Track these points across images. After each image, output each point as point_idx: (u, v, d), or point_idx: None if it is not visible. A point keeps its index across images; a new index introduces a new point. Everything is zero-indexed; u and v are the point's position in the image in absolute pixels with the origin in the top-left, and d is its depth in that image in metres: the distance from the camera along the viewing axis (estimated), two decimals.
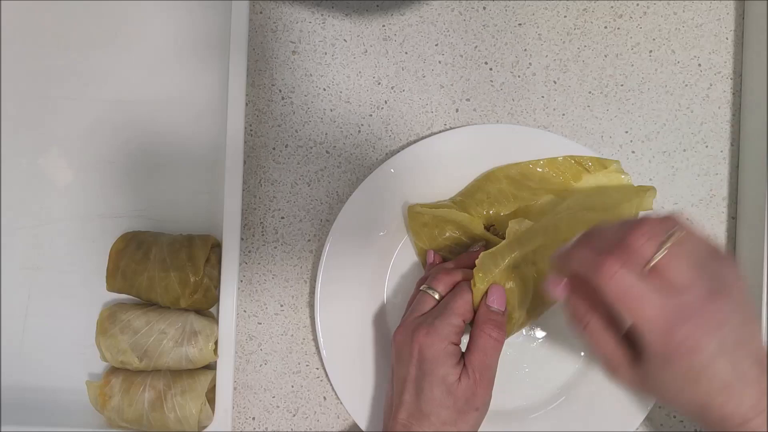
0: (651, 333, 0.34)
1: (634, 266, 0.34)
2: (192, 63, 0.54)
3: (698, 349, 0.34)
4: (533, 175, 0.49)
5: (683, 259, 0.34)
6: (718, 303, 0.34)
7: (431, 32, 0.53)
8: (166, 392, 0.49)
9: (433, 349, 0.43)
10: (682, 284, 0.34)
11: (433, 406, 0.42)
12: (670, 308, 0.34)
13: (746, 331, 0.35)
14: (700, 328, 0.34)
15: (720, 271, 0.35)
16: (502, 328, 0.43)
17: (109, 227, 0.53)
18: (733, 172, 0.53)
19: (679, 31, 0.53)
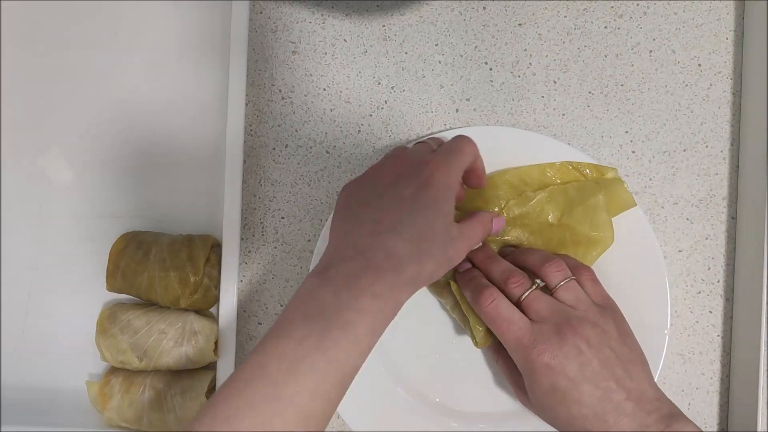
0: (516, 350, 0.42)
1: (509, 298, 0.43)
2: (192, 63, 0.54)
3: (554, 369, 0.40)
4: (532, 179, 0.49)
5: (542, 300, 0.42)
6: (565, 332, 0.41)
7: (431, 32, 0.53)
8: (166, 392, 0.49)
9: (448, 179, 0.39)
10: (542, 315, 0.42)
11: (429, 233, 0.38)
12: (528, 332, 0.41)
13: (619, 367, 0.40)
14: (555, 349, 0.40)
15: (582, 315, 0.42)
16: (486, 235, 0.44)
17: (109, 227, 0.53)
18: (733, 172, 0.53)
19: (679, 31, 0.53)
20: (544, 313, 0.42)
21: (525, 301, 0.43)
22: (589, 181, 0.49)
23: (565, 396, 0.40)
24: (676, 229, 0.52)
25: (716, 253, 0.52)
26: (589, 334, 0.41)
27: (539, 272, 0.44)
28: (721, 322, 0.52)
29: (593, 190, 0.48)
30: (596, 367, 0.40)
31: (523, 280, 0.43)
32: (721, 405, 0.52)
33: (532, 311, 0.42)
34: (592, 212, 0.47)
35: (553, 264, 0.44)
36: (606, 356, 0.41)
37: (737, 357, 0.51)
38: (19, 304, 0.54)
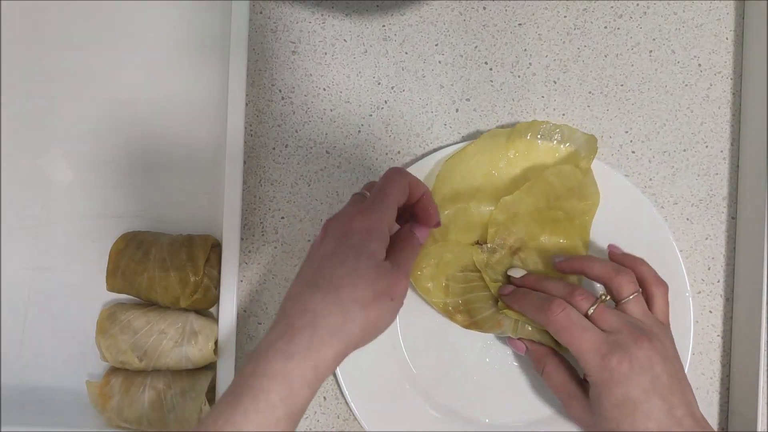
0: (590, 361, 0.41)
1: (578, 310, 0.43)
2: (192, 63, 0.54)
3: (631, 379, 0.40)
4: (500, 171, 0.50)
5: (612, 313, 0.42)
6: (642, 342, 0.41)
7: (431, 32, 0.53)
8: (166, 392, 0.49)
9: (369, 225, 0.39)
10: (614, 327, 0.42)
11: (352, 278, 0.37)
12: (604, 341, 0.41)
13: (678, 385, 0.41)
14: (630, 361, 0.40)
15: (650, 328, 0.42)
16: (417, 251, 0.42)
17: (109, 227, 0.53)
18: (733, 172, 0.53)
19: (679, 31, 0.53)
20: (615, 325, 0.42)
21: (594, 314, 0.42)
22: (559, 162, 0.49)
23: (636, 408, 0.40)
24: (676, 229, 0.52)
25: (716, 253, 0.52)
26: (658, 348, 0.41)
27: (610, 283, 0.44)
28: (721, 322, 0.52)
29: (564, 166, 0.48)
30: (665, 380, 0.40)
31: (588, 294, 0.44)
32: (721, 405, 0.52)
33: (603, 322, 0.42)
34: (574, 189, 0.48)
35: (625, 276, 0.44)
36: (673, 370, 0.41)
37: (737, 357, 0.51)
38: (19, 304, 0.54)
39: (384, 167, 0.53)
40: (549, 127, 0.49)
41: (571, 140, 0.49)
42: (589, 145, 0.49)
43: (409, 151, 0.53)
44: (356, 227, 0.39)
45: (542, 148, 0.49)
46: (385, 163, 0.53)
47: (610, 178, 0.49)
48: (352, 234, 0.38)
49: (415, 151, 0.53)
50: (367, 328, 0.37)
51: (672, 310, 0.48)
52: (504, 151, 0.49)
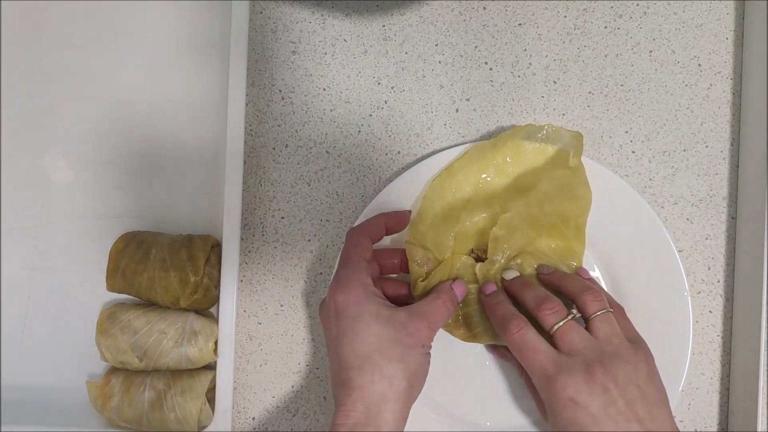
0: (537, 381, 0.42)
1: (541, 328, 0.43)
2: (192, 63, 0.54)
3: (577, 404, 0.39)
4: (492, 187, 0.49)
5: (576, 332, 0.42)
6: (595, 369, 0.40)
7: (431, 32, 0.53)
8: (166, 392, 0.49)
9: (353, 295, 0.41)
10: (574, 348, 0.41)
11: (371, 343, 0.39)
12: (556, 361, 0.41)
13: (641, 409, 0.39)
14: (580, 384, 0.40)
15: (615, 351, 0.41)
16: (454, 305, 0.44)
17: (109, 227, 0.53)
18: (733, 172, 0.53)
19: (679, 31, 0.53)
20: (576, 346, 0.41)
21: (558, 331, 0.42)
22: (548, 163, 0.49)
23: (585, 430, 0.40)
24: (676, 229, 0.52)
25: (716, 253, 0.52)
26: (618, 372, 0.40)
27: (577, 300, 0.44)
28: (721, 322, 0.52)
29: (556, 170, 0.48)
30: (621, 407, 0.39)
31: (559, 307, 0.43)
32: (721, 405, 0.52)
33: (564, 342, 0.42)
34: (565, 190, 0.48)
35: (592, 293, 0.43)
36: (632, 396, 0.40)
37: (737, 357, 0.51)
38: (20, 304, 0.54)
39: (384, 167, 0.53)
40: (533, 128, 0.49)
41: (557, 139, 0.49)
42: (575, 142, 0.49)
43: (409, 151, 0.53)
44: (345, 302, 0.41)
45: (529, 150, 0.49)
46: (385, 163, 0.53)
47: (607, 179, 0.49)
48: (344, 310, 0.41)
49: (415, 151, 0.53)
50: (413, 380, 0.40)
51: (671, 310, 0.48)
52: (491, 160, 0.49)
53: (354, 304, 0.41)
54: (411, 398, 0.40)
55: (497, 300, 0.45)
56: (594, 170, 0.49)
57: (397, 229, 0.48)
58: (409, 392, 0.40)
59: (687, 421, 0.52)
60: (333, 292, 0.42)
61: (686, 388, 0.52)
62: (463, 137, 0.53)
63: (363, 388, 0.39)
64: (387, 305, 0.41)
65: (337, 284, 0.42)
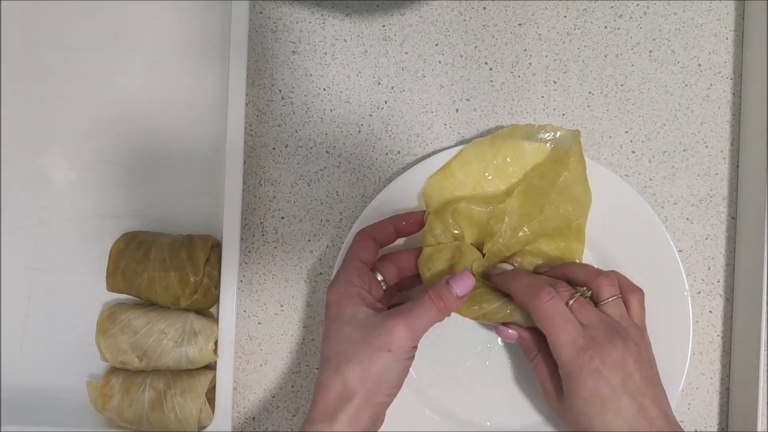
0: (566, 353, 0.41)
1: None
2: (192, 63, 0.54)
3: (601, 375, 0.40)
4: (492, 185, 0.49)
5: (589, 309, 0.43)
6: (617, 342, 0.41)
7: (431, 32, 0.53)
8: (166, 392, 0.49)
9: (337, 294, 0.42)
10: (591, 323, 0.42)
11: (340, 344, 0.40)
12: (582, 335, 0.41)
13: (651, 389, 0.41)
14: (602, 357, 0.41)
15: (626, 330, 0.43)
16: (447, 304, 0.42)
17: (109, 227, 0.53)
18: (733, 172, 0.53)
19: (679, 31, 0.53)
20: (592, 321, 0.42)
21: (573, 306, 0.43)
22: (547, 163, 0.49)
23: (605, 404, 0.40)
24: (676, 229, 0.52)
25: (716, 253, 0.52)
26: (633, 349, 0.42)
27: (591, 284, 0.44)
28: (721, 322, 0.52)
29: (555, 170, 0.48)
30: (638, 381, 0.41)
31: (568, 286, 0.44)
32: (721, 405, 0.52)
33: (581, 317, 0.42)
34: (565, 192, 0.48)
35: (607, 278, 0.44)
36: (646, 374, 0.42)
37: (737, 357, 0.51)
38: (20, 304, 0.54)
39: (384, 167, 0.53)
40: (532, 128, 0.49)
41: (556, 139, 0.49)
42: (574, 140, 0.49)
43: (409, 151, 0.53)
44: (331, 300, 0.43)
45: (529, 150, 0.49)
46: (385, 163, 0.53)
47: (607, 179, 0.49)
48: (329, 308, 0.43)
49: (415, 151, 0.53)
50: (370, 384, 0.40)
51: (671, 310, 0.48)
52: (491, 159, 0.49)
53: (336, 304, 0.42)
54: (371, 403, 0.40)
55: (514, 272, 0.46)
56: (594, 170, 0.49)
57: (411, 231, 0.47)
58: (368, 397, 0.39)
59: (687, 421, 0.52)
60: (327, 291, 0.44)
61: (686, 388, 0.52)
62: (463, 137, 0.53)
63: (324, 385, 0.40)
64: (366, 308, 0.41)
65: (331, 284, 0.44)
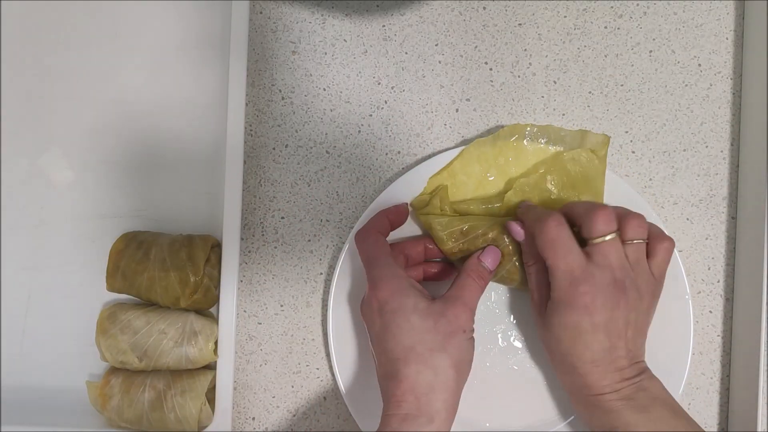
0: (559, 279, 0.42)
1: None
2: (192, 63, 0.54)
3: (587, 311, 0.42)
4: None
5: (617, 252, 0.42)
6: (617, 290, 0.42)
7: (431, 32, 0.53)
8: (166, 392, 0.49)
9: (389, 289, 0.42)
10: (605, 264, 0.42)
11: (414, 335, 0.41)
12: (581, 268, 0.42)
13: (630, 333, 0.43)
14: (594, 296, 0.42)
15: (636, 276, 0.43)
16: (486, 278, 0.45)
17: (109, 227, 0.53)
18: (733, 172, 0.53)
19: (679, 31, 0.53)
20: (612, 262, 0.42)
21: (604, 243, 0.42)
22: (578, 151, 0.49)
23: (579, 336, 0.42)
24: (676, 229, 0.52)
25: (716, 253, 0.52)
26: (630, 297, 0.42)
27: (621, 222, 0.44)
28: (721, 322, 0.52)
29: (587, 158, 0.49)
30: (619, 325, 0.42)
31: (612, 219, 0.43)
32: (721, 405, 0.52)
33: (602, 255, 0.42)
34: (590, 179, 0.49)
35: (635, 219, 0.44)
36: (630, 319, 0.43)
37: (737, 357, 0.51)
38: (20, 304, 0.54)
39: (384, 167, 0.53)
40: (534, 129, 0.49)
41: (558, 141, 0.49)
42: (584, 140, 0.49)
43: (409, 151, 0.53)
44: (382, 298, 0.42)
45: (531, 151, 0.49)
46: (385, 164, 0.53)
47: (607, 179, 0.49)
48: (384, 305, 0.42)
49: (415, 151, 0.53)
50: (458, 367, 0.41)
51: (672, 312, 0.48)
52: (492, 160, 0.49)
53: (393, 298, 0.42)
54: (459, 386, 0.42)
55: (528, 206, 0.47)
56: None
57: (398, 223, 0.49)
58: (456, 380, 0.41)
59: None
60: (372, 290, 0.43)
61: (686, 388, 0.52)
62: (464, 137, 0.53)
63: (410, 378, 0.40)
64: (424, 296, 0.43)
65: (375, 282, 0.43)
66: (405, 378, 0.40)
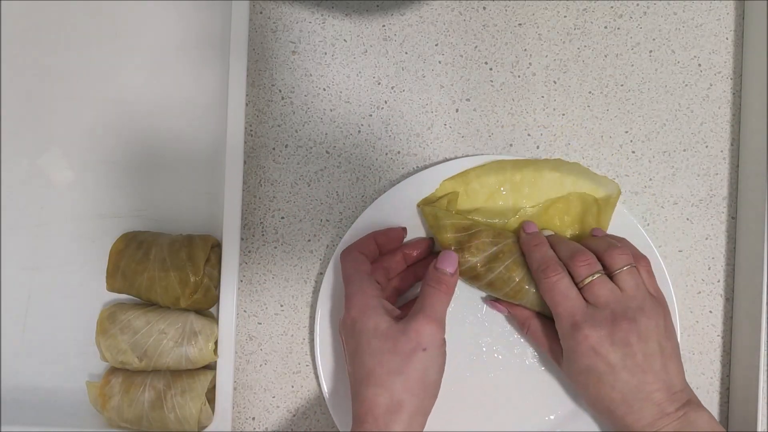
0: (562, 326, 0.43)
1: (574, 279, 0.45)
2: (192, 63, 0.54)
3: (599, 354, 0.42)
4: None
5: (605, 287, 0.43)
6: (622, 323, 0.42)
7: (431, 32, 0.53)
8: (166, 392, 0.49)
9: (356, 310, 0.43)
10: (601, 301, 0.43)
11: (374, 358, 0.41)
12: (581, 312, 0.43)
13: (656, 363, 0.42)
14: (604, 336, 0.42)
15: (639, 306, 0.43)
16: (447, 283, 0.44)
17: (109, 227, 0.53)
18: (733, 172, 0.53)
19: (679, 31, 0.53)
20: (604, 300, 0.43)
21: (590, 284, 0.44)
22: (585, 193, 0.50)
23: (600, 378, 0.42)
24: (676, 229, 0.52)
25: (716, 253, 0.52)
26: (641, 327, 0.42)
27: (605, 255, 0.45)
28: (721, 322, 0.52)
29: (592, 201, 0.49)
30: (639, 359, 0.42)
31: (592, 261, 0.44)
32: (721, 405, 0.52)
33: (593, 295, 0.43)
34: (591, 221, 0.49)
35: (620, 249, 0.45)
36: (651, 350, 0.42)
37: (737, 357, 0.51)
38: (19, 304, 0.54)
39: (384, 167, 0.53)
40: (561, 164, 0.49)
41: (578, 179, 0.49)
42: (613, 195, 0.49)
43: (409, 151, 0.53)
44: (353, 316, 0.43)
45: (548, 180, 0.49)
46: (385, 163, 0.53)
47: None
48: (353, 324, 0.43)
49: (415, 151, 0.53)
50: (417, 389, 0.41)
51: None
52: (509, 176, 0.49)
53: (360, 318, 0.42)
54: (423, 405, 0.41)
55: (538, 242, 0.46)
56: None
57: (390, 246, 0.48)
58: (419, 400, 0.41)
59: None
60: (346, 309, 0.44)
61: None
62: (463, 136, 0.53)
63: (369, 400, 0.40)
64: (389, 316, 0.42)
65: (347, 302, 0.44)
66: (365, 399, 0.41)
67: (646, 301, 0.43)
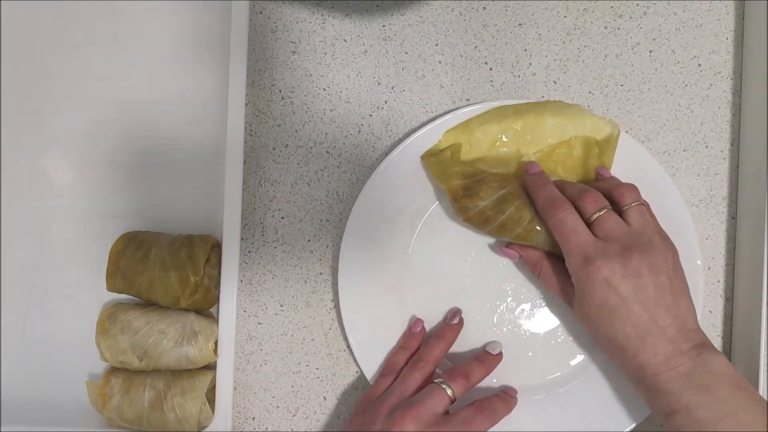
0: (572, 261, 0.43)
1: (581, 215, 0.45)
2: (192, 63, 0.54)
3: (610, 286, 0.42)
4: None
5: (614, 221, 0.44)
6: (632, 253, 0.42)
7: (431, 32, 0.53)
8: (166, 392, 0.49)
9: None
10: (611, 235, 0.43)
11: None
12: (591, 245, 0.43)
13: (668, 298, 0.42)
14: (612, 269, 0.42)
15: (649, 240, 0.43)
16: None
17: (109, 227, 0.53)
18: (733, 172, 0.53)
19: (679, 31, 0.53)
20: (613, 232, 0.43)
21: (598, 219, 0.44)
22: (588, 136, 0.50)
23: (614, 312, 0.42)
24: None
25: (716, 253, 0.52)
26: (652, 259, 0.42)
27: (612, 192, 0.45)
28: (721, 322, 0.52)
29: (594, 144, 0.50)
30: (651, 291, 0.42)
31: (599, 197, 0.45)
32: None
33: (602, 229, 0.44)
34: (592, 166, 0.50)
35: (627, 186, 0.45)
36: (662, 283, 0.42)
37: (737, 357, 0.51)
38: (19, 304, 0.54)
39: None
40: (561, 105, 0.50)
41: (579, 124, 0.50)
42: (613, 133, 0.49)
43: None
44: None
45: (549, 125, 0.49)
46: None
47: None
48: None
49: None
50: None
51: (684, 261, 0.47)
52: (510, 123, 0.50)
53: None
54: None
55: (543, 181, 0.47)
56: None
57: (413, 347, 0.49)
58: None
59: None
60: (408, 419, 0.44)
61: None
62: None
63: None
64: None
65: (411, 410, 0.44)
66: None
67: (655, 237, 0.43)
